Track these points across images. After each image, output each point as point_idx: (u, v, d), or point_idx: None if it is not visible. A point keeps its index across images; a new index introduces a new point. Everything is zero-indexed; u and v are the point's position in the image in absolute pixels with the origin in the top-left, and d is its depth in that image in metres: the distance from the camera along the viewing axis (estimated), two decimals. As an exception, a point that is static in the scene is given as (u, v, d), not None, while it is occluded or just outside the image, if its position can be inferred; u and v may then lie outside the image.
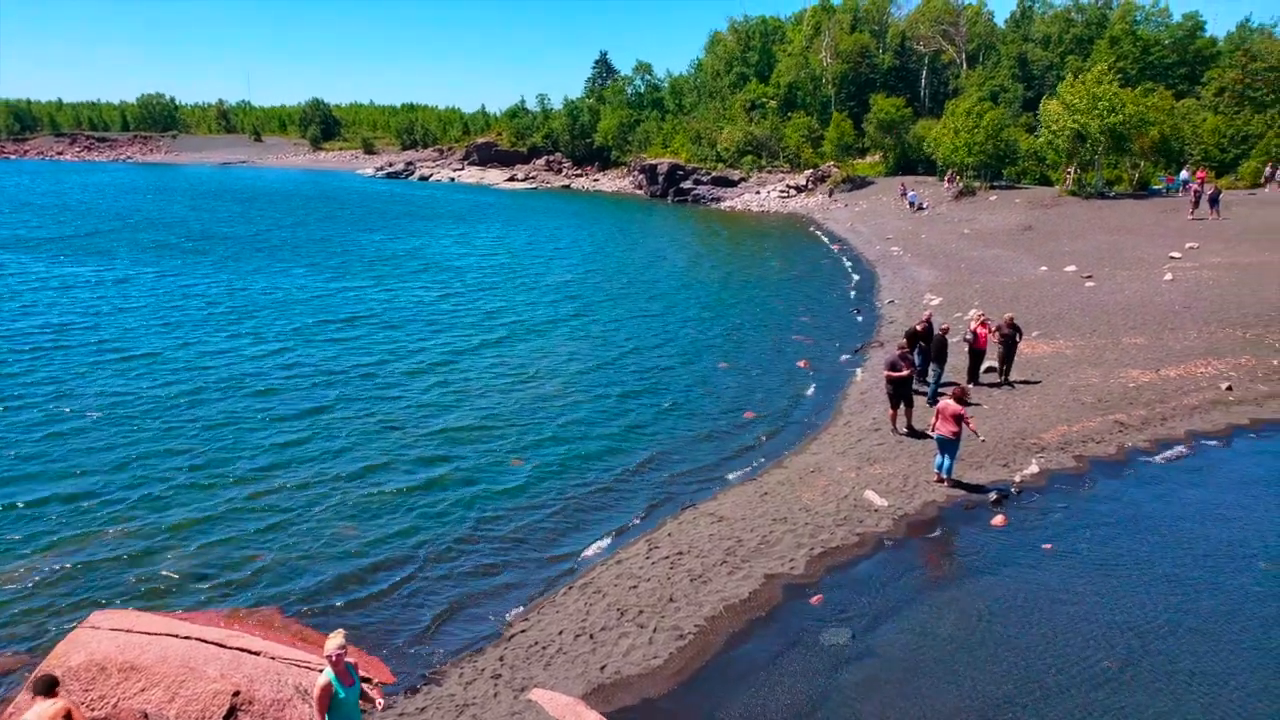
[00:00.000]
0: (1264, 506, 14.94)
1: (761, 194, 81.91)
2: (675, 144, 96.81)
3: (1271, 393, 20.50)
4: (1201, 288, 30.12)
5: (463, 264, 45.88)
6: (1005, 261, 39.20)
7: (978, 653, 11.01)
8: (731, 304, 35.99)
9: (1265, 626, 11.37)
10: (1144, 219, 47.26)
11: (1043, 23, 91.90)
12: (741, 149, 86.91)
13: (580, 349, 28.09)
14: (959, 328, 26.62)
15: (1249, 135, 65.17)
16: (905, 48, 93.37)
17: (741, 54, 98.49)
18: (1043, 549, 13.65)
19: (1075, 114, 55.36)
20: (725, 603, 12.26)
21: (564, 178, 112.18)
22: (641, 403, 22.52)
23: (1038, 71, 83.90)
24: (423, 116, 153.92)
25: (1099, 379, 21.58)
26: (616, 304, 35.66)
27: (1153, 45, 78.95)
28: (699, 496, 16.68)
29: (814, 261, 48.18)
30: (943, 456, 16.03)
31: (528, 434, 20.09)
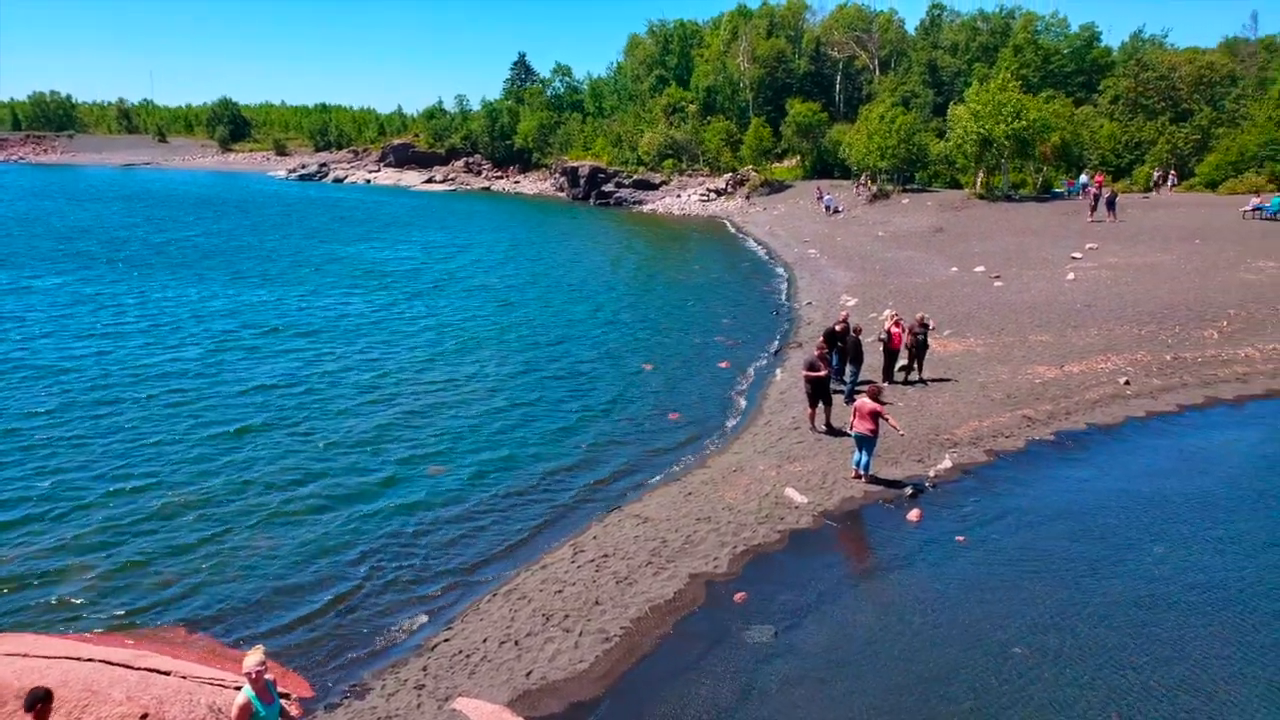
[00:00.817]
0: (1160, 495, 15.70)
1: (682, 197, 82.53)
2: (596, 147, 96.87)
3: (1165, 386, 21.57)
4: (1101, 287, 31.48)
5: (382, 268, 45.06)
6: (918, 263, 40.31)
7: (896, 645, 11.31)
8: (655, 306, 36.18)
9: (1161, 608, 11.95)
10: (1048, 221, 49.19)
11: (951, 31, 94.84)
12: (662, 152, 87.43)
13: (504, 353, 27.89)
14: (873, 328, 27.29)
15: (1142, 141, 68.39)
16: (820, 53, 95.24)
17: (660, 57, 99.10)
18: (956, 541, 14.10)
19: (981, 120, 57.30)
20: (651, 604, 12.34)
21: (484, 180, 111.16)
22: (566, 406, 22.48)
23: (947, 78, 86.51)
24: (337, 117, 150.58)
25: (1008, 375, 22.37)
26: (540, 307, 35.51)
27: (1053, 54, 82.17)
28: (624, 499, 16.73)
29: (734, 264, 48.78)
30: (860, 453, 16.41)
31: (450, 441, 19.85)
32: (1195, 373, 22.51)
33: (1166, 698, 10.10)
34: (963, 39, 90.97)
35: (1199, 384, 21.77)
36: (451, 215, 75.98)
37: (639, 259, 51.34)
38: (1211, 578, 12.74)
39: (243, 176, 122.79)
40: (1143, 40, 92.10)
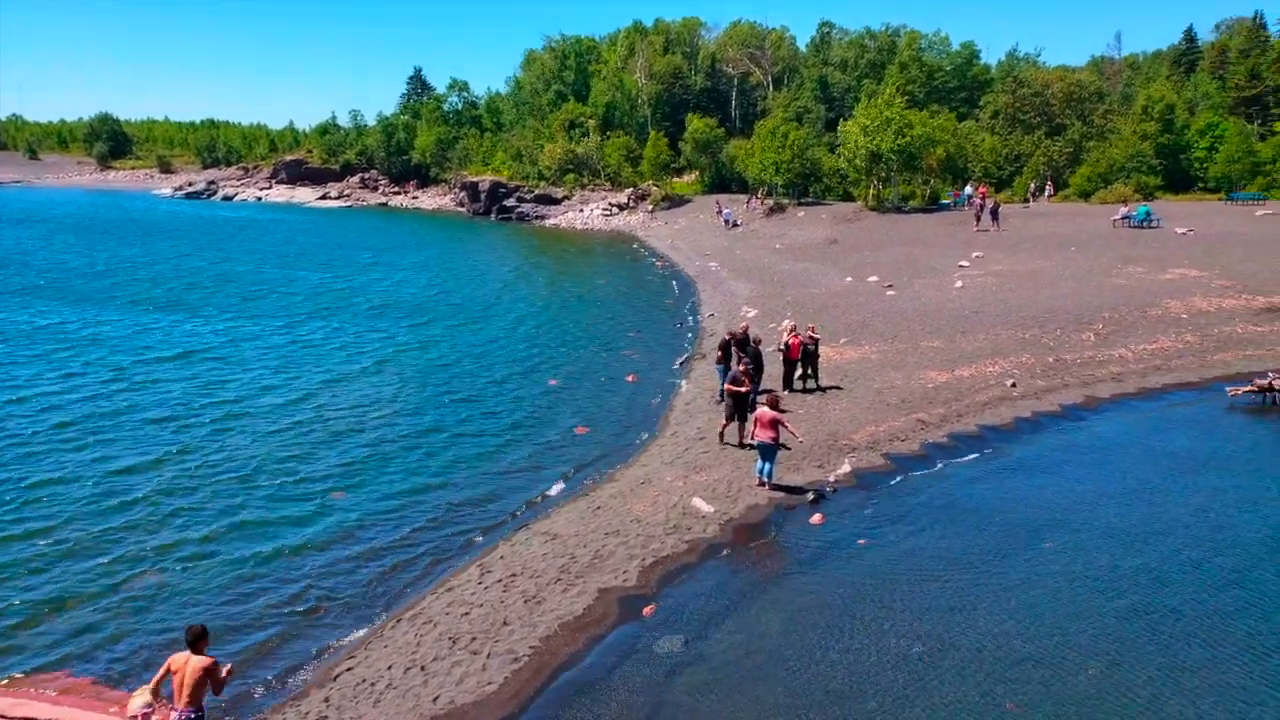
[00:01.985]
0: (1046, 491, 16.47)
1: (585, 212, 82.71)
2: (496, 161, 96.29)
3: (1048, 387, 22.65)
4: (987, 294, 32.88)
5: (278, 288, 43.72)
6: (814, 274, 41.35)
7: (801, 650, 11.53)
8: (560, 321, 36.12)
9: (1051, 601, 12.51)
10: (936, 231, 51.17)
11: (840, 48, 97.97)
12: (563, 167, 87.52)
13: (406, 373, 27.39)
14: (773, 338, 27.85)
15: (1020, 154, 71.85)
16: (716, 70, 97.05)
17: (558, 73, 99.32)
18: (858, 544, 14.48)
19: (871, 134, 59.29)
20: (560, 621, 12.27)
21: (381, 195, 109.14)
22: (471, 425, 22.20)
23: (837, 94, 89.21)
24: (225, 133, 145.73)
25: (901, 381, 23.12)
26: (443, 324, 35.03)
27: (936, 71, 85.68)
28: (532, 515, 16.61)
29: (638, 278, 49.14)
30: (763, 461, 16.71)
31: (352, 466, 19.35)
32: (1075, 373, 23.70)
33: (1060, 686, 10.57)
34: (852, 56, 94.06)
35: (1079, 384, 22.93)
36: (349, 232, 74.35)
37: (543, 274, 51.22)
38: (1098, 569, 13.41)
39: (124, 195, 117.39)
40: (1018, 58, 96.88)
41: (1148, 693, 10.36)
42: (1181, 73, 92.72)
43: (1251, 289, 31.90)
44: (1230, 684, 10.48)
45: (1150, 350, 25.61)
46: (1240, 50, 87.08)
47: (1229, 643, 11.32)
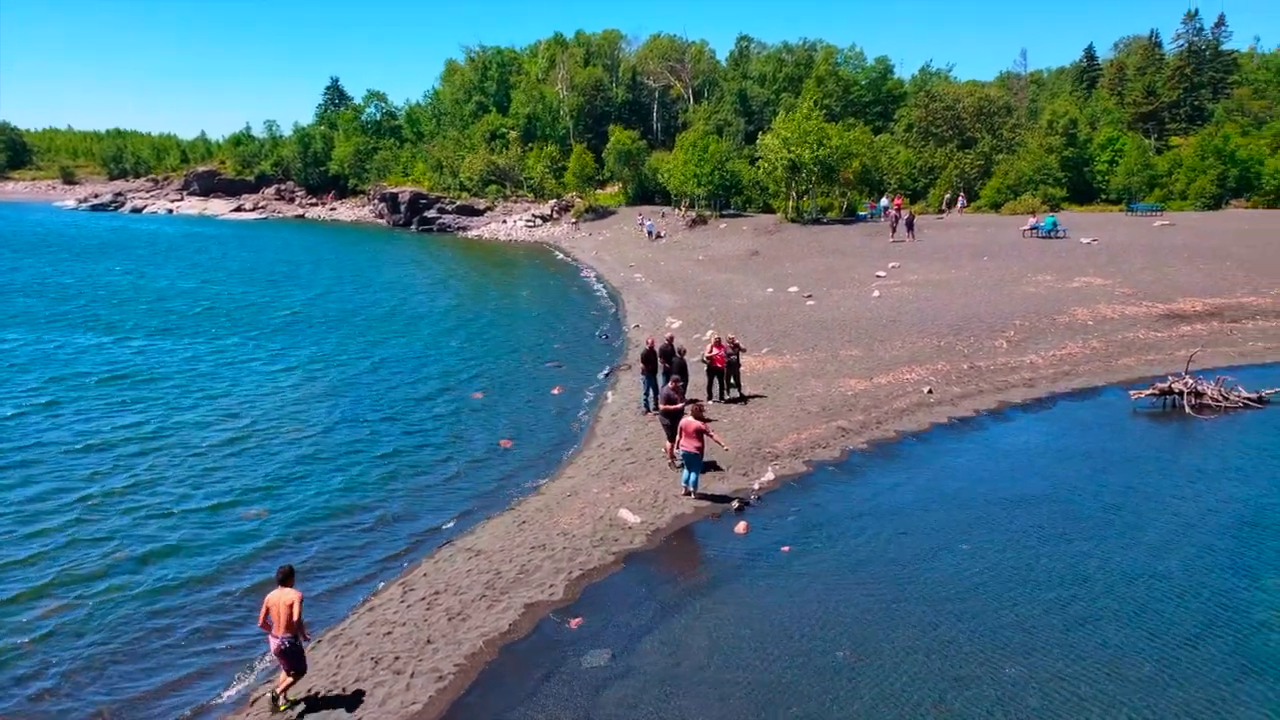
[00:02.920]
0: (965, 494, 16.89)
1: (508, 223, 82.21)
2: (416, 172, 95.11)
3: (964, 393, 23.27)
4: (904, 303, 33.68)
5: (191, 303, 42.30)
6: (736, 285, 41.80)
7: (728, 659, 11.57)
8: (484, 333, 35.75)
9: (970, 600, 12.82)
10: (853, 242, 52.27)
11: (759, 62, 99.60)
12: (485, 178, 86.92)
13: (326, 388, 26.75)
14: (698, 349, 28.04)
15: (934, 166, 74.05)
16: (637, 82, 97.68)
17: (479, 84, 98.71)
18: (782, 551, 14.62)
19: (790, 147, 60.34)
20: (485, 638, 12.08)
21: (298, 207, 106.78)
22: (394, 441, 21.77)
23: (756, 107, 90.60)
24: (134, 143, 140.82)
25: (822, 389, 23.49)
26: (365, 338, 34.33)
27: (852, 85, 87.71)
28: (456, 532, 16.36)
29: (563, 289, 48.99)
30: (689, 471, 16.77)
31: (270, 484, 18.80)
32: (989, 380, 24.41)
33: (979, 684, 10.82)
34: (770, 70, 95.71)
35: (993, 390, 23.62)
36: (265, 245, 72.45)
37: (467, 286, 50.67)
38: (1013, 570, 13.78)
39: (24, 207, 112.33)
40: (930, 73, 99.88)
41: (1073, 685, 10.67)
42: (1083, 89, 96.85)
43: (1152, 296, 33.37)
44: (1151, 670, 10.88)
45: (1059, 356, 26.54)
46: (1137, 68, 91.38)
47: (1147, 632, 11.75)
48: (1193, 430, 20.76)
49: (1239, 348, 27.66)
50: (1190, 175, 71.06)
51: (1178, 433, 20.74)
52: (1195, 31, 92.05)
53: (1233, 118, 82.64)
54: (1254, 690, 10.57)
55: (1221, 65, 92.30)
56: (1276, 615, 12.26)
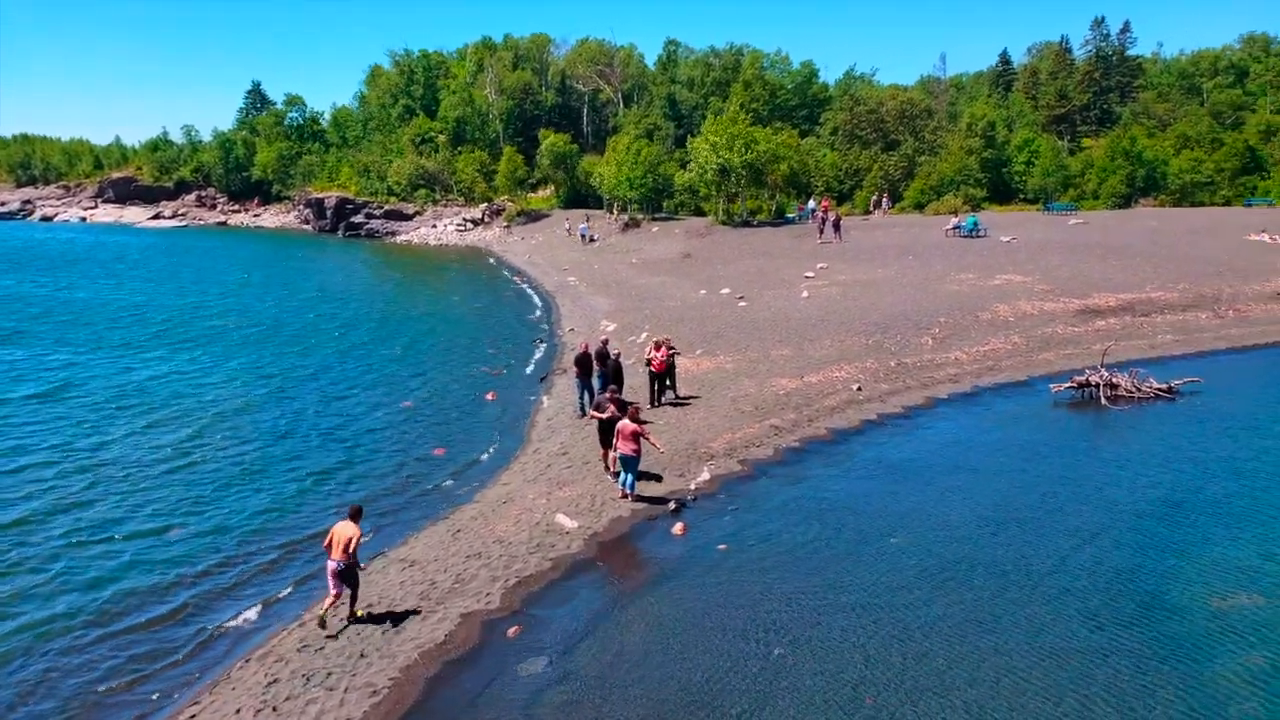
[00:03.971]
0: (892, 490, 17.24)
1: (438, 227, 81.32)
2: (342, 177, 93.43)
3: (892, 390, 23.77)
4: (832, 303, 34.26)
5: (111, 314, 40.85)
6: (670, 287, 42.01)
7: (667, 660, 11.61)
8: (414, 340, 35.26)
9: (900, 592, 13.09)
10: (783, 244, 52.98)
11: (687, 66, 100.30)
12: (414, 182, 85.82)
13: (253, 400, 26.08)
14: (633, 351, 28.13)
15: (859, 169, 75.50)
16: (567, 86, 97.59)
17: (406, 88, 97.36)
18: (719, 550, 14.73)
19: (719, 150, 60.92)
20: (420, 649, 11.91)
21: (219, 214, 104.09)
22: (322, 452, 21.32)
23: (686, 111, 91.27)
24: (43, 149, 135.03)
25: (755, 389, 23.75)
26: (291, 347, 33.58)
27: (779, 89, 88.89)
28: (389, 542, 16.09)
29: (495, 294, 48.64)
30: (625, 474, 16.80)
31: (194, 499, 18.25)
32: (916, 376, 24.98)
33: (914, 676, 11.05)
34: (698, 74, 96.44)
35: (920, 386, 24.17)
36: (186, 253, 70.42)
37: (396, 292, 49.94)
38: (945, 561, 14.11)
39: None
40: (855, 77, 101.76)
41: (1009, 672, 10.97)
42: (1000, 92, 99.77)
43: (1069, 292, 34.53)
44: (1082, 653, 11.25)
45: (983, 352, 27.29)
46: (1050, 72, 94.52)
47: (1079, 614, 12.14)
48: (1109, 420, 21.55)
49: (1150, 340, 28.82)
50: (1101, 175, 73.77)
51: (1095, 423, 21.50)
52: (1103, 37, 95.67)
53: (1139, 120, 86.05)
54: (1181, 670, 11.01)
55: (1127, 70, 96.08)
56: (1205, 592, 12.79)
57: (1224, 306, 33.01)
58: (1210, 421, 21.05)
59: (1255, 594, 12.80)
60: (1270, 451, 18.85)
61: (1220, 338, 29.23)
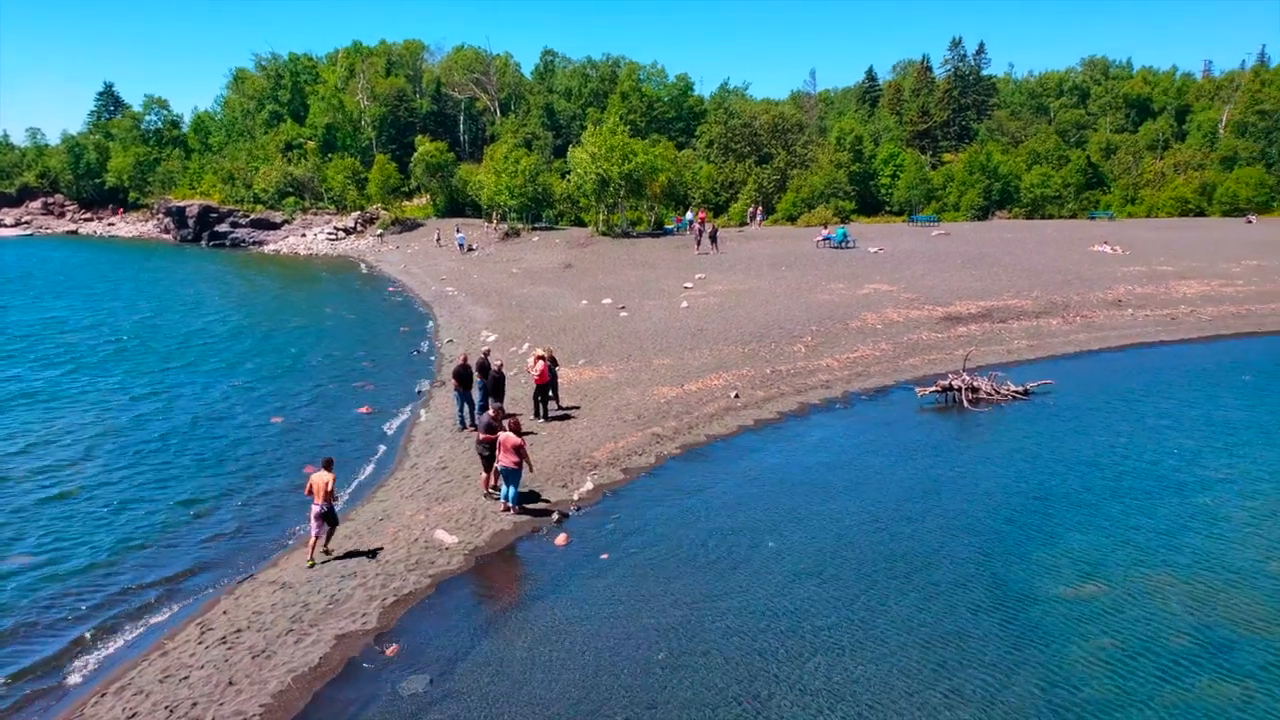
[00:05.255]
0: (770, 494, 17.65)
1: (308, 236, 78.69)
2: (205, 184, 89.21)
3: (767, 396, 24.36)
4: (710, 312, 34.87)
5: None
6: (551, 297, 41.88)
7: (550, 671, 11.54)
8: (284, 354, 33.95)
9: (776, 595, 13.41)
10: (662, 254, 53.62)
11: (564, 76, 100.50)
12: (282, 190, 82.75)
13: (110, 419, 24.57)
14: (515, 362, 27.92)
15: (734, 181, 77.22)
16: (442, 94, 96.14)
17: (272, 92, 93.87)
18: (602, 559, 14.76)
19: (599, 161, 61.24)
20: (294, 674, 11.46)
21: (69, 222, 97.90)
22: (188, 474, 20.26)
23: (564, 121, 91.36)
24: None
25: (637, 398, 23.93)
26: (151, 364, 31.80)
27: (656, 101, 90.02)
28: (258, 565, 15.42)
29: (370, 304, 47.37)
30: (507, 486, 16.62)
31: (48, 524, 17.05)
32: (790, 383, 25.67)
33: (792, 676, 11.32)
34: (575, 84, 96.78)
35: (794, 392, 24.86)
36: (31, 266, 65.81)
37: (265, 304, 47.99)
38: (817, 561, 14.54)
39: None
40: (729, 91, 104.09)
41: (873, 671, 11.37)
42: (867, 107, 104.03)
43: (932, 300, 36.22)
44: (948, 643, 11.76)
45: (852, 359, 28.30)
46: (912, 89, 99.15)
47: (946, 607, 12.69)
48: (971, 422, 22.69)
49: (1007, 345, 30.51)
50: (961, 189, 77.82)
51: (959, 425, 22.59)
52: (960, 58, 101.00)
53: (994, 137, 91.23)
54: (1039, 655, 11.66)
55: (983, 89, 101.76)
56: (1058, 581, 13.59)
57: (1072, 313, 35.27)
58: (1061, 420, 22.44)
59: (1102, 582, 13.70)
60: (1115, 447, 20.25)
61: (1069, 342, 31.21)
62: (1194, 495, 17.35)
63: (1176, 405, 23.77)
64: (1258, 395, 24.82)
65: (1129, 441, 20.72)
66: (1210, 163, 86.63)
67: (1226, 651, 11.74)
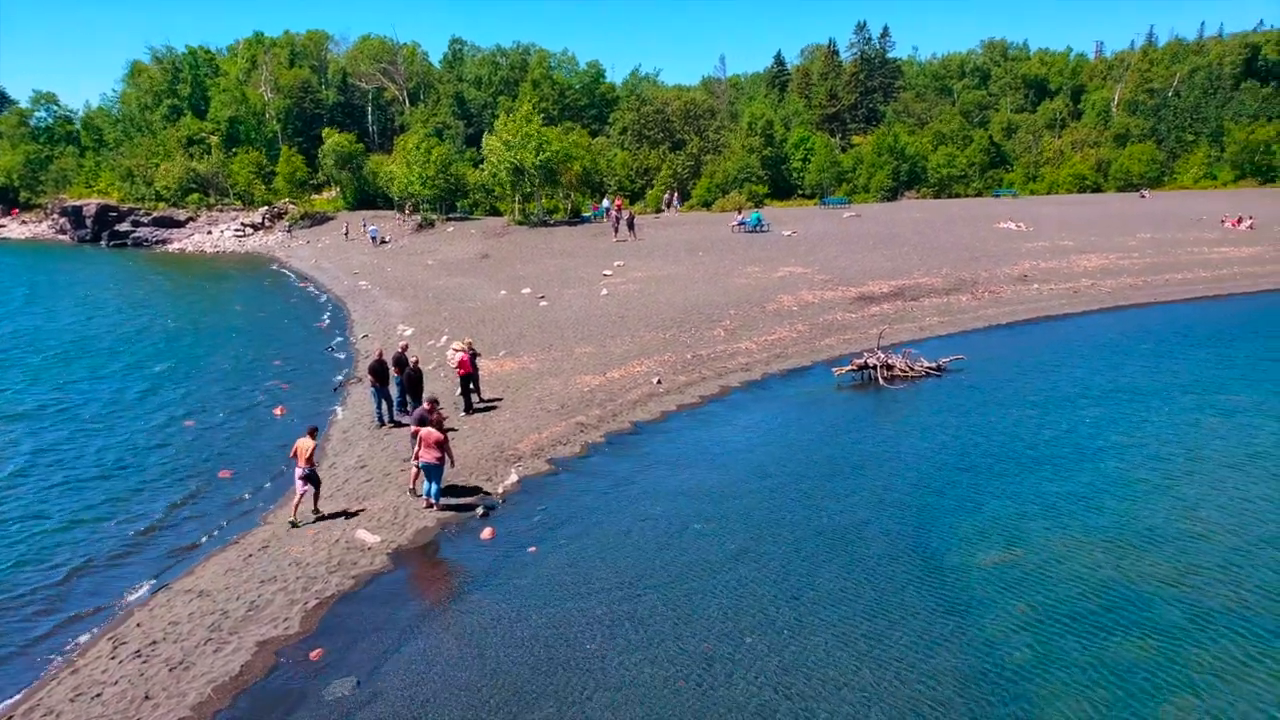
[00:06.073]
0: (694, 478, 17.83)
1: (214, 234, 76.07)
2: (103, 182, 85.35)
3: (689, 381, 24.57)
4: (630, 299, 34.96)
5: None
6: (469, 289, 41.40)
7: (479, 666, 11.49)
8: (195, 354, 32.81)
9: (703, 578, 13.59)
10: (580, 242, 53.48)
11: (474, 65, 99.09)
12: (185, 186, 79.70)
13: (7, 430, 23.44)
14: (433, 356, 27.55)
15: (649, 168, 77.39)
16: (349, 84, 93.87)
17: (171, 86, 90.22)
18: (529, 551, 14.72)
19: (513, 150, 60.67)
20: (214, 684, 11.16)
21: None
22: (94, 483, 19.45)
23: (475, 110, 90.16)
24: None
25: (560, 387, 23.87)
26: (52, 373, 30.35)
27: (567, 89, 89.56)
28: (173, 574, 14.94)
29: (282, 301, 46.08)
30: (429, 483, 16.43)
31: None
32: (711, 367, 25.93)
33: (722, 660, 11.49)
34: (485, 73, 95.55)
35: (715, 376, 25.12)
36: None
37: (170, 304, 46.23)
38: (741, 542, 14.76)
39: None
40: (640, 78, 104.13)
41: (801, 647, 11.61)
42: (776, 92, 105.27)
43: (846, 281, 36.97)
44: (870, 619, 12.07)
45: (770, 340, 28.72)
46: (820, 73, 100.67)
47: (865, 578, 13.02)
48: (887, 399, 23.27)
49: (919, 323, 31.35)
50: (870, 171, 79.46)
51: (876, 402, 23.15)
52: (865, 41, 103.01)
53: (901, 119, 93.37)
54: (960, 623, 12.07)
55: (889, 72, 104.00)
56: (976, 550, 14.08)
57: (980, 289, 36.43)
58: (975, 394, 23.19)
59: (1017, 549, 14.25)
60: (1025, 419, 21.03)
61: (978, 318, 32.24)
62: (1106, 460, 18.15)
63: (1084, 374, 24.80)
64: (1157, 361, 26.08)
65: (1042, 412, 21.54)
66: (1105, 140, 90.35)
67: (1138, 609, 12.34)
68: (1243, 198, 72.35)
